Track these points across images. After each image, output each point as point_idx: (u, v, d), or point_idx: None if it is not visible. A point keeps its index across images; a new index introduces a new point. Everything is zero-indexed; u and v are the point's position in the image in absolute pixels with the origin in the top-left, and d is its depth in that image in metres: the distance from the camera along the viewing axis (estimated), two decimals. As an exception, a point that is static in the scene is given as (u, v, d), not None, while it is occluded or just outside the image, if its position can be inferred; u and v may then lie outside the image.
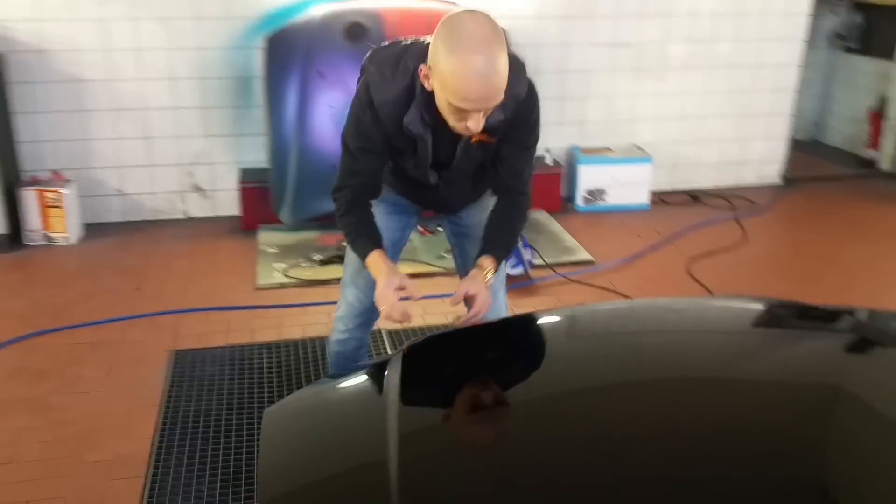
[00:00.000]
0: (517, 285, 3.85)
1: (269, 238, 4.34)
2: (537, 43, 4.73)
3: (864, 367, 1.47)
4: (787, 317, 1.76)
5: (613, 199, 4.93)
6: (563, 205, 4.93)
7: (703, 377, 1.43)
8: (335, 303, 3.61)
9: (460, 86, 1.64)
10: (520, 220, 2.07)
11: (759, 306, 1.79)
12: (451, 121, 1.75)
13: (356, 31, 4.25)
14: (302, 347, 3.24)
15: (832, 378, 1.41)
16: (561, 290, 3.86)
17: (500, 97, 1.70)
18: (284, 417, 1.46)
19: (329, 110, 4.27)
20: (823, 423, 1.27)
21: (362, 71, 1.92)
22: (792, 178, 5.54)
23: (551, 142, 4.90)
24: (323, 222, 4.41)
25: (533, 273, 3.96)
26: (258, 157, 4.49)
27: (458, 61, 1.62)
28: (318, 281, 3.85)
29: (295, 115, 4.18)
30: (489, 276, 1.94)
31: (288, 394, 2.86)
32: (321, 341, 3.25)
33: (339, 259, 3.98)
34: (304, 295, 3.73)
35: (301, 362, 3.12)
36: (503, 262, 2.07)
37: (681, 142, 5.23)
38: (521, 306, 3.67)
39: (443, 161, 1.96)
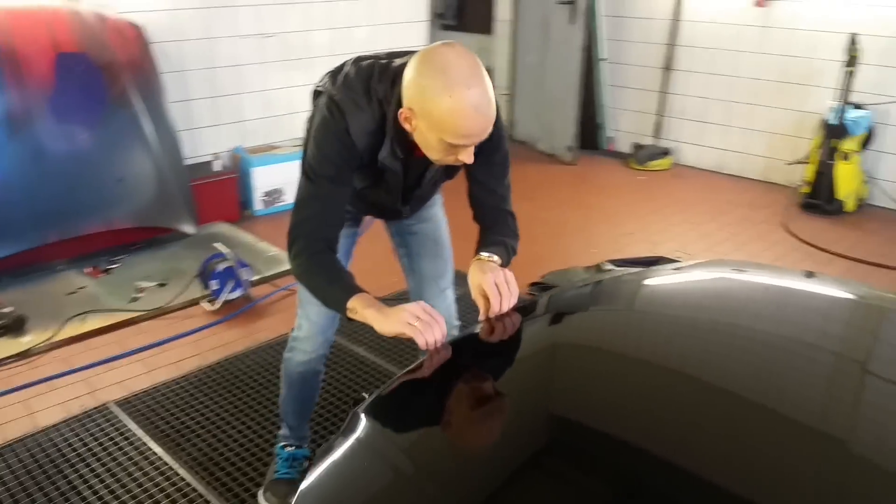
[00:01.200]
0: (242, 310, 3.45)
1: None
2: (179, 38, 4.24)
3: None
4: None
5: (291, 197, 4.69)
6: (241, 212, 4.56)
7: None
8: (41, 381, 2.91)
9: (460, 123, 1.53)
10: (512, 236, 1.88)
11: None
12: (439, 156, 1.63)
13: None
14: (14, 454, 2.47)
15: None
16: (291, 303, 3.56)
17: (492, 126, 1.59)
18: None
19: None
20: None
21: (318, 94, 1.78)
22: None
23: (212, 145, 4.49)
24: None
25: (253, 292, 3.59)
26: None
27: (454, 99, 1.50)
28: (-7, 362, 2.98)
29: None
30: (491, 259, 1.73)
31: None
32: (40, 437, 2.54)
33: (7, 329, 3.13)
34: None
35: (25, 472, 2.38)
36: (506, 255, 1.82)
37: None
38: (256, 330, 3.31)
39: (410, 186, 1.89)
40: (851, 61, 4.33)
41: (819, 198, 4.62)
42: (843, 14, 4.61)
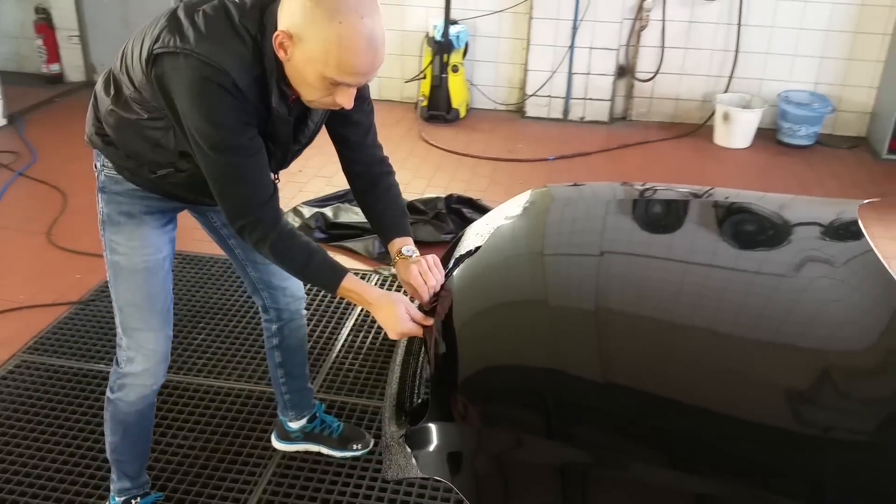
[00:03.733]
0: None
1: None
2: None
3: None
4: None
5: None
6: None
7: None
8: None
9: (347, 57, 1.35)
10: (400, 194, 1.85)
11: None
12: (314, 95, 1.44)
13: None
14: None
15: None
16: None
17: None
18: None
19: None
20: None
21: (157, 57, 1.41)
22: (16, 113, 4.92)
23: None
24: None
25: None
26: None
27: (345, 27, 1.32)
28: None
29: None
30: (415, 255, 1.70)
31: None
32: None
33: None
34: None
35: None
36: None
37: None
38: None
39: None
40: (451, -18, 4.80)
41: (439, 109, 5.13)
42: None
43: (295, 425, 2.28)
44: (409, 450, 1.25)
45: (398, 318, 1.53)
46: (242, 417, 2.47)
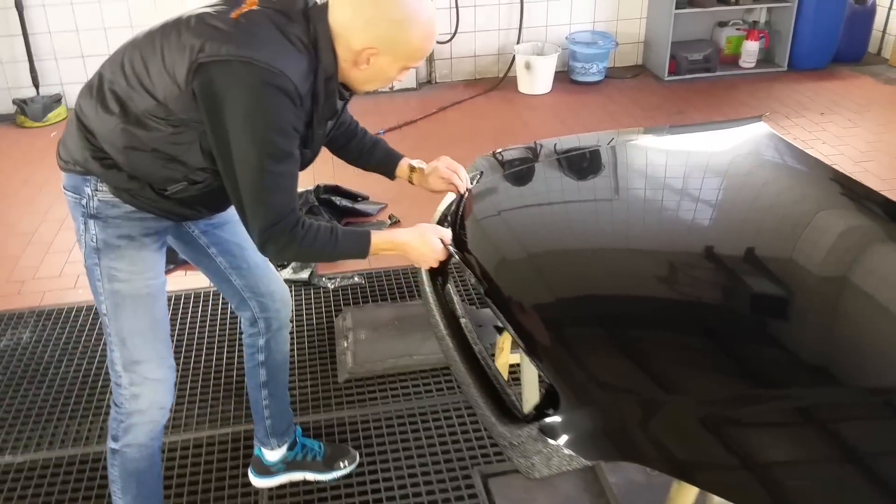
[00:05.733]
0: None
1: None
2: None
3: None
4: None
5: None
6: None
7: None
8: None
9: (428, 46, 1.51)
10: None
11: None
12: (383, 84, 1.59)
13: None
14: None
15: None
16: None
17: None
18: None
19: None
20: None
21: (204, 68, 1.38)
22: None
23: None
24: None
25: None
26: None
27: (423, 24, 1.47)
28: None
29: None
30: (420, 164, 1.85)
31: None
32: None
33: None
34: None
35: None
36: None
37: None
38: None
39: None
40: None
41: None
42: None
43: (275, 457, 2.11)
44: (552, 442, 1.20)
45: (434, 247, 1.59)
46: (204, 468, 2.23)
